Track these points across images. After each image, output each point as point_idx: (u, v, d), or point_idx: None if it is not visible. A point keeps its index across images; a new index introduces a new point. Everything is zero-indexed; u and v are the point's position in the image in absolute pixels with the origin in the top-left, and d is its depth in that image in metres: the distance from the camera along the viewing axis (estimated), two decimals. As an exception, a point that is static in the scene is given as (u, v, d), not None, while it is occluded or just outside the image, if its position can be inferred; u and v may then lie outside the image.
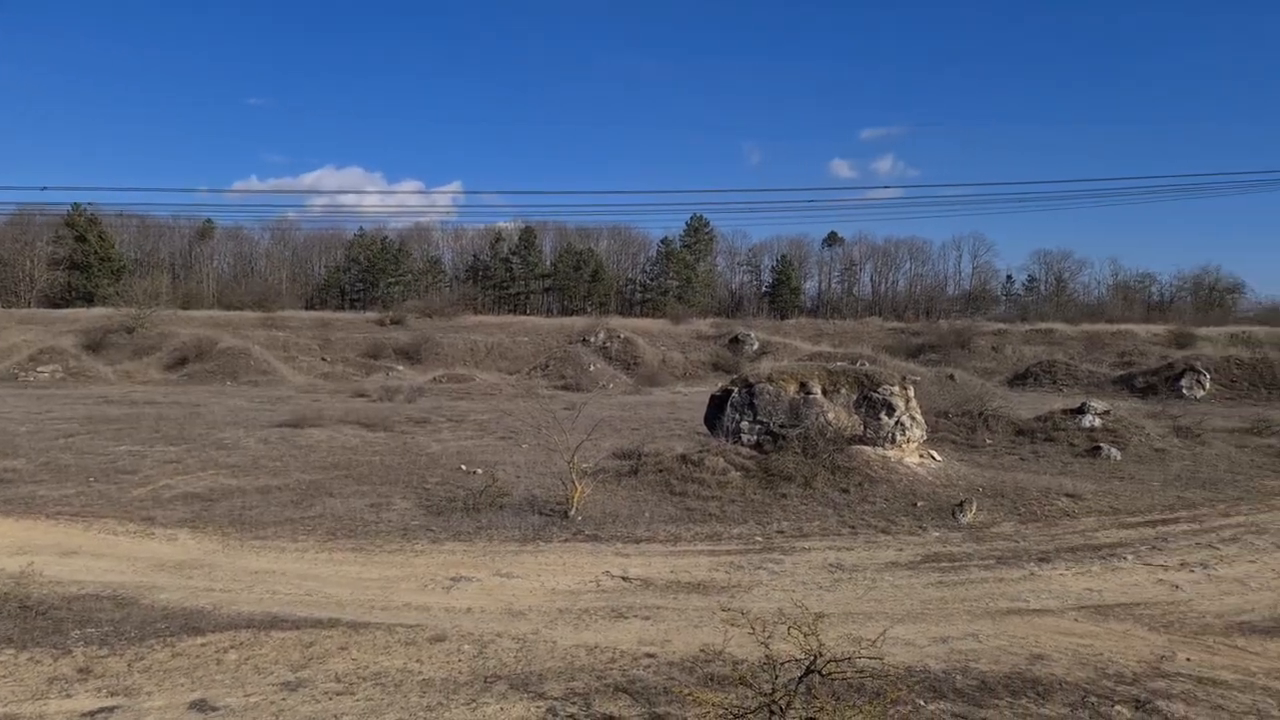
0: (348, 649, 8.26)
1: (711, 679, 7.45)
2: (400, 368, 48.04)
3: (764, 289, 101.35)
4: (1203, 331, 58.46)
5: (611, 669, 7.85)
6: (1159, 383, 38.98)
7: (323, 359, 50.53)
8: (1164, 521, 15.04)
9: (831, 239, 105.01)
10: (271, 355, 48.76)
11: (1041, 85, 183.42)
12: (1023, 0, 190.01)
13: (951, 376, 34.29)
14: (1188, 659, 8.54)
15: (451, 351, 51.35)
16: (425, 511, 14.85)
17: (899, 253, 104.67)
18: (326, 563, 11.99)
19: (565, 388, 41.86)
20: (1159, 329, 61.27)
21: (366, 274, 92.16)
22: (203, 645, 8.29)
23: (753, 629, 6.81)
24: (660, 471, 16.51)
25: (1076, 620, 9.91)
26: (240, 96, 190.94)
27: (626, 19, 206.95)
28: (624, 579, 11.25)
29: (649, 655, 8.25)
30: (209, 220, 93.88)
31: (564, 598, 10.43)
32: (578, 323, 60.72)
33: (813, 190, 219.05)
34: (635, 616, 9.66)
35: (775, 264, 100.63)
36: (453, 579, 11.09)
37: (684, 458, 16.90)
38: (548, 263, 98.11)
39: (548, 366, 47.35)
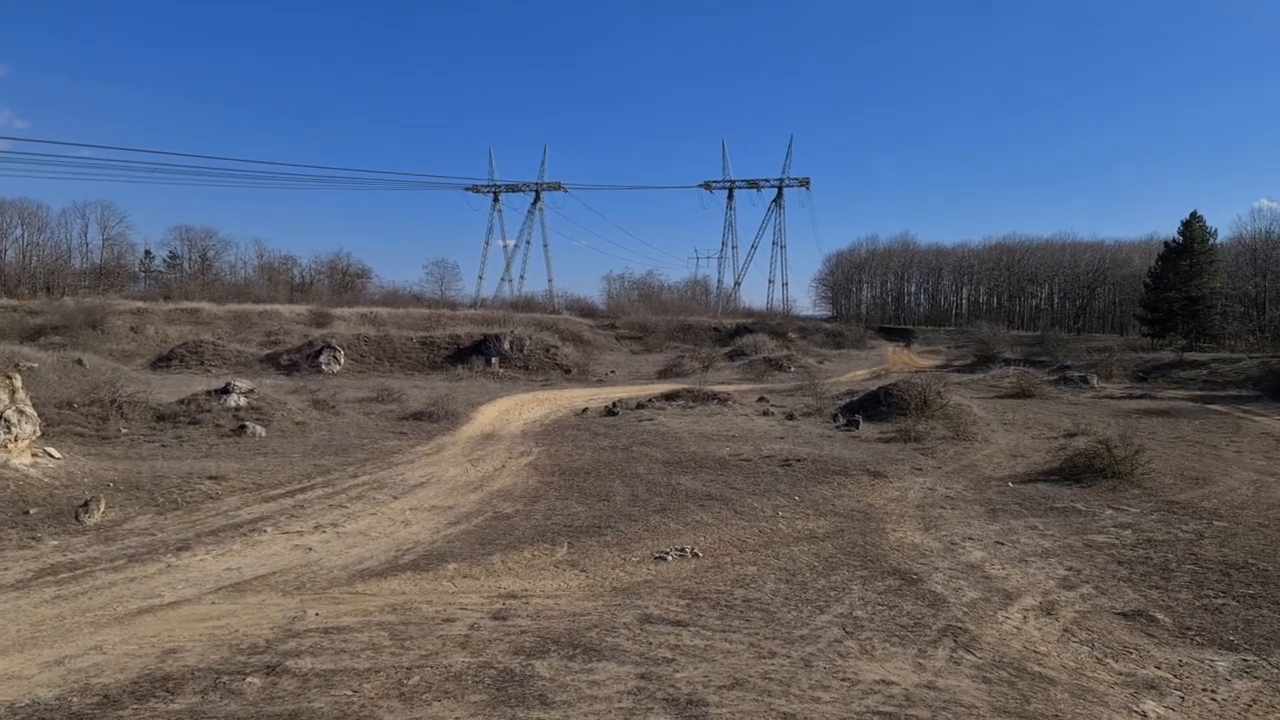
0: None
1: None
2: None
3: None
4: (338, 312, 65.31)
5: None
6: (302, 360, 41.89)
7: None
8: (302, 490, 16.05)
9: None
10: None
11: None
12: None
13: (80, 361, 30.43)
14: (316, 614, 9.15)
15: None
16: None
17: (7, 216, 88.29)
18: None
19: None
20: (302, 309, 65.94)
21: None
22: None
23: None
24: None
25: (215, 603, 9.71)
26: None
27: None
28: None
29: None
30: None
31: None
32: None
33: None
34: None
35: None
36: None
37: None
38: None
39: None
